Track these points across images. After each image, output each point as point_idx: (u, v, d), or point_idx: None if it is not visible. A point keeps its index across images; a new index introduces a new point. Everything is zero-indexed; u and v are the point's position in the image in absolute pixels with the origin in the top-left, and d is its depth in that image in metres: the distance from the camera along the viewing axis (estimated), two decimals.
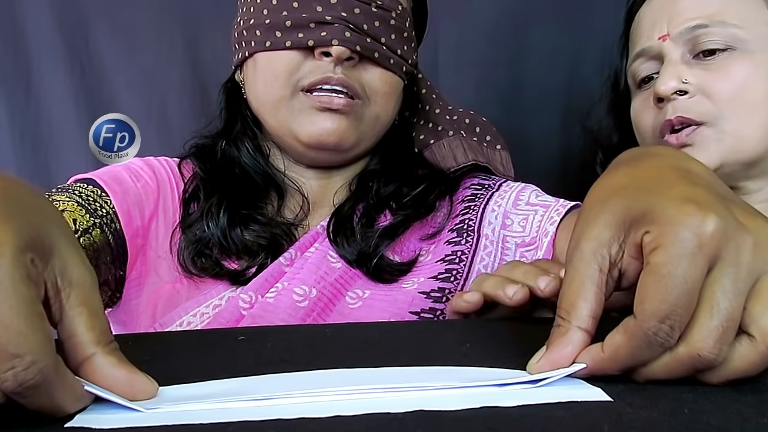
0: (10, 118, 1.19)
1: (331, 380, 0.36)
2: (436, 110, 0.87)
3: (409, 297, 0.70)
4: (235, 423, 0.30)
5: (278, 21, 0.71)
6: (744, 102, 0.73)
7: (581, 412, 0.31)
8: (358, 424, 0.30)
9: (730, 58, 0.74)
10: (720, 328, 0.31)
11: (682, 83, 0.74)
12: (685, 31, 0.75)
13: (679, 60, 0.76)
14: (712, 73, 0.74)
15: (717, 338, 0.31)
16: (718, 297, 0.32)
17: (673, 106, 0.75)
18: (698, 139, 0.74)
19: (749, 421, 0.29)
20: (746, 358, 0.33)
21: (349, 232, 0.73)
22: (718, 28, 0.74)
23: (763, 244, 0.32)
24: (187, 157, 0.81)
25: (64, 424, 0.30)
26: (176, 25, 1.22)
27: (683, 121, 0.74)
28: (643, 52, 0.81)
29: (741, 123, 0.73)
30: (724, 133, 0.73)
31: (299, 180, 0.80)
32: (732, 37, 0.74)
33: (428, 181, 0.79)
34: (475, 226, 0.77)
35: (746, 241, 0.32)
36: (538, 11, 1.24)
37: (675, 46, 0.77)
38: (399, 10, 0.75)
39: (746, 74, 0.73)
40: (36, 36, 1.19)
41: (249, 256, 0.71)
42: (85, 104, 1.19)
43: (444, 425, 0.30)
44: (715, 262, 0.32)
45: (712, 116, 0.74)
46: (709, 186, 0.35)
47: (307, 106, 0.71)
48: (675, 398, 0.32)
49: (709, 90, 0.74)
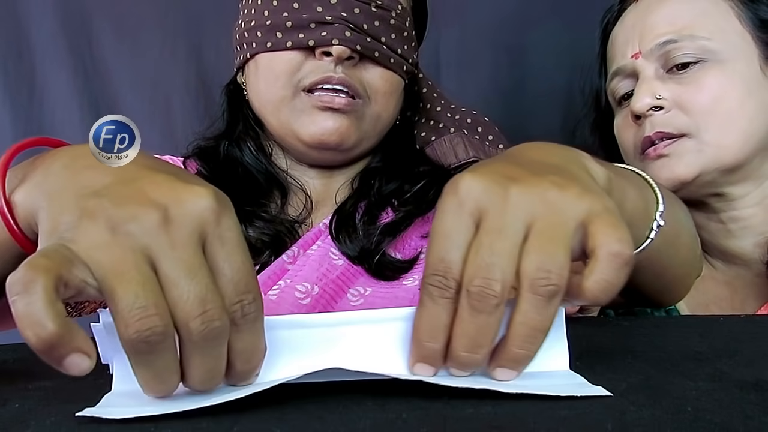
0: (14, 120, 1.19)
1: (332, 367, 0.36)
2: (437, 108, 0.87)
3: (411, 294, 0.70)
4: (240, 421, 0.30)
5: (279, 22, 0.72)
6: (720, 112, 0.74)
7: (585, 411, 0.31)
8: (363, 423, 0.30)
9: (702, 70, 0.75)
10: (484, 264, 0.33)
11: (656, 99, 0.76)
12: (656, 47, 0.77)
13: (652, 76, 0.77)
14: (686, 86, 0.75)
15: (484, 273, 0.33)
16: (481, 239, 0.34)
17: (650, 122, 0.76)
18: (677, 150, 0.75)
19: (752, 419, 0.29)
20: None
21: (351, 229, 0.74)
22: (687, 41, 0.75)
23: (529, 193, 0.35)
24: (190, 157, 0.81)
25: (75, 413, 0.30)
26: (180, 27, 1.22)
27: (662, 136, 0.76)
28: (619, 70, 0.82)
29: (719, 133, 0.74)
30: (705, 143, 0.74)
31: (302, 179, 0.80)
32: (702, 49, 0.75)
33: (429, 177, 0.79)
34: None
35: (510, 191, 0.34)
36: (539, 12, 1.25)
37: (648, 63, 0.78)
38: (399, 10, 0.75)
39: (719, 84, 0.74)
40: (39, 38, 1.19)
41: (253, 254, 0.72)
42: (88, 106, 1.20)
43: (448, 424, 0.30)
44: (481, 215, 0.34)
45: (691, 128, 0.75)
46: (510, 158, 0.40)
47: (308, 106, 0.72)
48: (678, 396, 0.33)
49: (684, 103, 0.75)
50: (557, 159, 0.40)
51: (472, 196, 0.35)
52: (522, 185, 0.35)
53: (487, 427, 0.29)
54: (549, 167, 0.38)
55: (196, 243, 0.31)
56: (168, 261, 0.30)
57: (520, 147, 0.44)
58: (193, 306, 0.30)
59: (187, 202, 0.32)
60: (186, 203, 0.32)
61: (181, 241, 0.31)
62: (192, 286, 0.30)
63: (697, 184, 0.75)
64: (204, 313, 0.30)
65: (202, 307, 0.30)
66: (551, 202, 0.34)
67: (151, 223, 0.31)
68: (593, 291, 0.33)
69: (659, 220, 0.49)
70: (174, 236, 0.31)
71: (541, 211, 0.34)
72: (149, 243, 0.30)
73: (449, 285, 0.34)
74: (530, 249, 0.33)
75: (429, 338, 0.35)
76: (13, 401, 0.33)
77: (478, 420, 0.30)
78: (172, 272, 0.30)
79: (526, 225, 0.34)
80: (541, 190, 0.35)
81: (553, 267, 0.33)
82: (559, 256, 0.33)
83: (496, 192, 0.35)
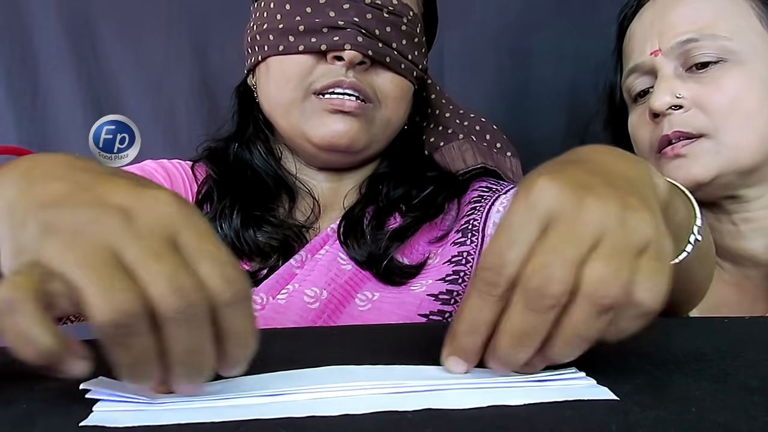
0: (17, 123, 1.20)
1: (339, 376, 0.36)
2: (446, 114, 0.87)
3: (418, 299, 0.70)
4: (246, 422, 0.30)
5: (291, 26, 0.73)
6: (739, 113, 0.74)
7: (589, 412, 0.31)
8: (368, 423, 0.30)
9: (722, 70, 0.75)
10: (547, 266, 0.32)
11: (676, 98, 0.75)
12: (677, 45, 0.76)
13: (672, 74, 0.77)
14: (706, 86, 0.75)
15: (545, 273, 0.32)
16: (547, 243, 0.33)
17: (669, 120, 0.76)
18: (694, 151, 0.75)
19: (756, 420, 0.30)
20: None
21: (359, 234, 0.74)
22: (708, 41, 0.75)
23: (605, 207, 0.34)
24: (199, 159, 0.81)
25: (79, 423, 0.31)
26: (184, 29, 1.23)
27: (680, 135, 0.75)
28: (636, 67, 0.81)
29: (738, 134, 0.74)
30: (723, 144, 0.74)
31: (310, 182, 0.80)
32: (723, 49, 0.74)
33: (437, 183, 0.79)
34: (480, 226, 0.77)
35: (585, 202, 0.34)
36: (543, 16, 1.25)
37: (667, 61, 0.77)
38: (410, 16, 0.76)
39: (739, 85, 0.74)
40: (43, 40, 1.20)
41: (261, 258, 0.72)
42: (92, 109, 1.20)
43: (453, 424, 0.30)
44: (551, 220, 0.34)
45: (709, 129, 0.74)
46: (584, 164, 0.39)
47: (318, 109, 0.72)
48: (682, 397, 0.33)
49: (703, 103, 0.74)
50: (629, 171, 0.40)
51: (546, 199, 0.34)
52: (597, 197, 0.34)
53: (492, 427, 0.29)
54: (623, 181, 0.37)
55: (162, 234, 0.31)
56: (133, 249, 0.30)
57: (591, 151, 0.43)
58: (165, 284, 0.29)
59: (149, 204, 0.31)
60: (149, 205, 0.31)
61: (146, 232, 0.30)
62: (160, 266, 0.29)
63: (713, 186, 0.75)
64: (179, 289, 0.29)
65: (175, 283, 0.29)
66: (623, 220, 0.34)
67: (113, 222, 0.30)
68: (610, 337, 0.34)
69: (696, 235, 0.49)
70: (138, 229, 0.30)
71: (613, 227, 0.33)
72: (113, 239, 0.30)
73: (499, 283, 0.33)
74: (596, 261, 0.33)
75: (469, 332, 0.35)
76: (19, 402, 0.33)
77: (483, 420, 0.30)
78: (138, 257, 0.30)
79: (595, 237, 0.33)
80: (615, 207, 0.34)
81: (615, 283, 0.32)
82: (623, 274, 0.33)
83: (571, 200, 0.34)
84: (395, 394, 0.33)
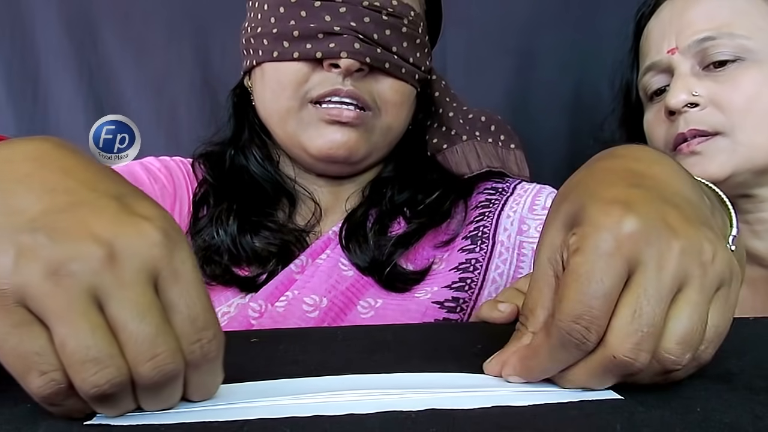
0: (18, 122, 1.19)
1: (344, 384, 0.36)
2: (449, 113, 0.84)
3: (423, 307, 0.69)
4: (250, 421, 0.30)
5: (285, 31, 0.70)
6: (755, 112, 0.73)
7: (593, 412, 0.31)
8: (372, 422, 0.30)
9: (739, 68, 0.75)
10: (639, 333, 0.30)
11: (692, 96, 0.75)
12: (694, 43, 0.76)
13: (688, 72, 0.77)
14: (723, 85, 0.75)
15: (635, 342, 0.31)
16: (640, 301, 0.31)
17: (685, 118, 0.76)
18: (709, 149, 0.74)
19: (761, 420, 0.30)
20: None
21: (361, 238, 0.72)
22: (726, 39, 0.75)
23: (689, 252, 0.31)
24: (198, 159, 0.80)
25: (83, 422, 0.31)
26: (186, 29, 1.22)
27: (696, 134, 0.75)
28: (653, 65, 0.81)
29: (754, 133, 0.74)
30: (738, 143, 0.74)
31: (310, 187, 0.78)
32: (740, 47, 0.74)
33: (443, 187, 0.77)
34: (490, 233, 0.75)
35: (672, 247, 0.31)
36: (546, 16, 1.25)
37: (684, 59, 0.77)
38: (411, 16, 0.72)
39: (756, 84, 0.74)
40: (44, 39, 1.20)
41: (259, 263, 0.70)
42: (93, 108, 1.20)
43: (457, 424, 0.30)
44: (636, 265, 0.31)
45: (725, 127, 0.74)
46: (652, 189, 0.35)
47: (315, 119, 0.70)
48: (687, 396, 0.33)
49: (720, 101, 0.74)
50: (687, 189, 0.37)
51: (632, 240, 0.31)
52: (682, 241, 0.31)
53: (496, 427, 0.29)
54: (693, 209, 0.35)
55: (145, 280, 0.29)
56: (115, 302, 0.28)
57: (641, 159, 0.39)
58: (142, 349, 0.28)
59: (133, 237, 0.29)
60: (132, 238, 0.29)
61: (129, 280, 0.29)
62: (142, 328, 0.28)
63: (727, 184, 0.74)
64: (155, 357, 0.28)
65: (153, 350, 0.28)
66: (704, 264, 0.32)
67: (95, 262, 0.28)
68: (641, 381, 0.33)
69: (731, 245, 0.49)
70: (121, 274, 0.28)
71: (696, 274, 0.31)
72: (94, 283, 0.28)
73: (590, 339, 0.31)
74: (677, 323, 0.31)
75: (539, 374, 0.35)
76: (24, 401, 0.33)
77: (487, 420, 0.30)
78: (120, 314, 0.28)
79: (680, 285, 0.31)
80: (698, 250, 0.32)
81: (689, 351, 0.32)
82: (699, 329, 0.31)
83: (659, 246, 0.31)
84: (399, 393, 0.33)
